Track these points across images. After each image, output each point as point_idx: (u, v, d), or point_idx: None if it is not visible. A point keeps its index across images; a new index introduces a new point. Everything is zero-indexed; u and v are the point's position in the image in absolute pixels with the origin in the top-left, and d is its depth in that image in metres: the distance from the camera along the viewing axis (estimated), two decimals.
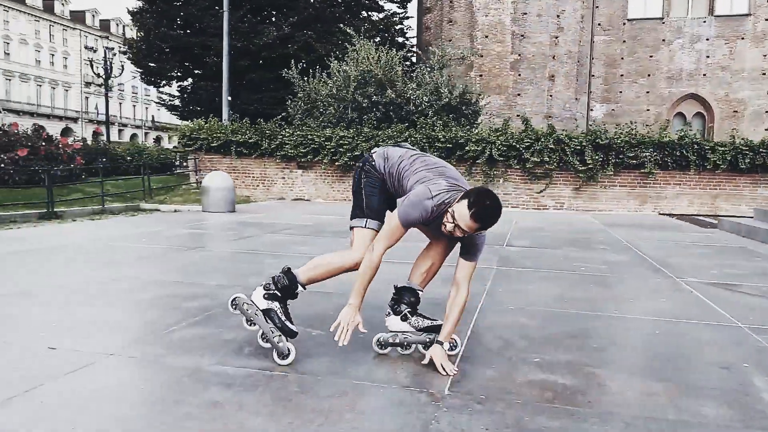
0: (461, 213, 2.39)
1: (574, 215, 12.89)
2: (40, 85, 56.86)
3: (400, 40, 27.24)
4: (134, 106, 68.76)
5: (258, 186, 15.96)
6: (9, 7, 53.38)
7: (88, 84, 61.17)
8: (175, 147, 23.89)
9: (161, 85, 26.38)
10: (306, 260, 2.93)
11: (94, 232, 9.04)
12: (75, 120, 59.58)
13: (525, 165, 13.72)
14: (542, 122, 19.30)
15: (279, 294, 2.74)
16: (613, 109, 25.26)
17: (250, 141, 15.56)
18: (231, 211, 12.00)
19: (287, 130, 15.54)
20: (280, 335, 2.69)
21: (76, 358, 2.74)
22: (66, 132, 51.68)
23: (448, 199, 2.50)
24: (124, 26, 65.16)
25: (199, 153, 16.40)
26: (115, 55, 33.08)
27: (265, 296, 2.74)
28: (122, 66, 34.03)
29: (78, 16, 62.42)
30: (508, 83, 24.54)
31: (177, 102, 26.39)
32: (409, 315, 2.84)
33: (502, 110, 23.58)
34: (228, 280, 4.63)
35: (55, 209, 12.46)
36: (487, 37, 24.37)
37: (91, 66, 33.50)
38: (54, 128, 46.55)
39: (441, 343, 2.65)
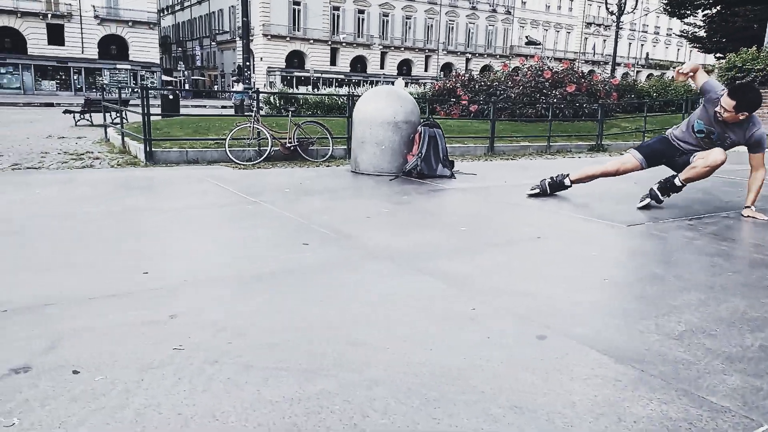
0: (724, 98, 3.66)
1: None
2: (547, 30, 61.72)
3: None
4: (630, 43, 67.31)
5: None
6: None
7: (588, 25, 62.95)
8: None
9: (686, 15, 24.35)
10: None
11: None
12: (572, 61, 62.66)
13: None
14: None
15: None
16: None
17: None
18: None
19: None
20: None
21: None
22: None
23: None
24: None
25: None
26: None
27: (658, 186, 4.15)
28: (635, 1, 33.03)
29: None
30: None
31: (701, 33, 23.99)
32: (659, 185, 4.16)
33: None
34: None
35: (602, 142, 13.06)
36: None
37: (606, 4, 33.72)
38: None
39: (749, 207, 3.99)
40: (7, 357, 1.61)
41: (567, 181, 4.52)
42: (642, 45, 67.27)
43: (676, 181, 4.03)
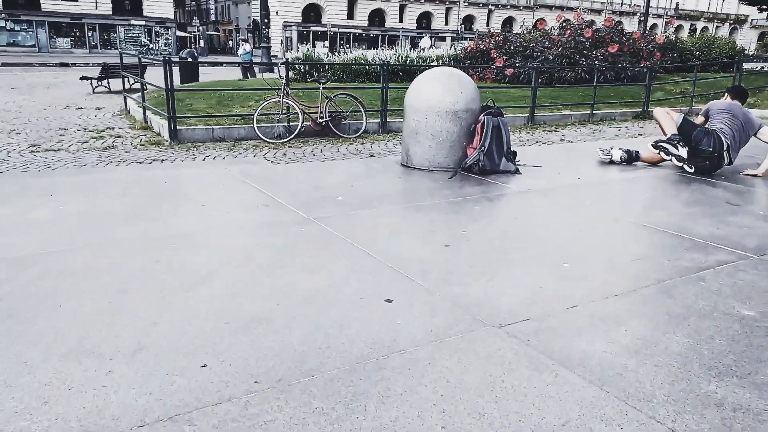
0: None
1: None
2: None
3: None
4: None
5: None
6: None
7: None
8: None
9: None
10: None
11: None
12: (600, 12, 59.92)
13: None
14: None
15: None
16: None
17: None
18: None
19: None
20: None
21: None
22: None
23: None
24: None
25: None
26: None
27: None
28: None
29: None
30: None
31: None
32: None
33: None
34: None
35: (648, 108, 12.18)
36: None
37: None
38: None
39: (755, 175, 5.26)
40: None
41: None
42: None
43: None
